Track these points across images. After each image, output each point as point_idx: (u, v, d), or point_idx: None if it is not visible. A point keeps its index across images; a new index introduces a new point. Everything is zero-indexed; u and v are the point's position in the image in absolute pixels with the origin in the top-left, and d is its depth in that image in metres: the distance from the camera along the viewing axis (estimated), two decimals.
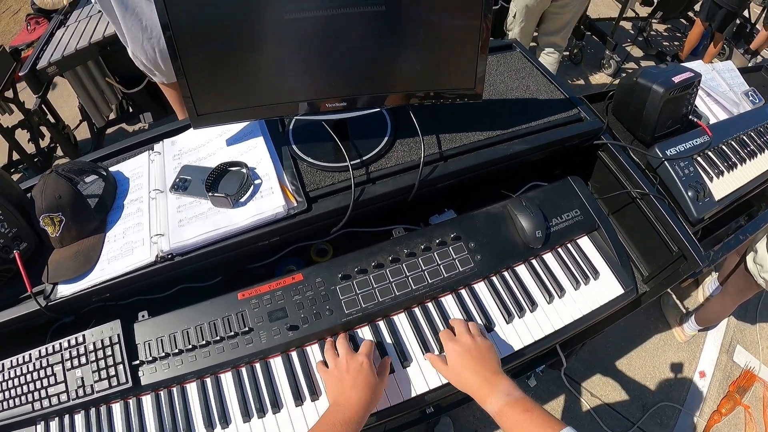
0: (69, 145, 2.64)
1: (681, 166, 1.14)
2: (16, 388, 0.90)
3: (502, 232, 0.95)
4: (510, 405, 0.71)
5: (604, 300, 0.98)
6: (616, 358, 2.09)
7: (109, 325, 0.90)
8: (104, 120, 2.44)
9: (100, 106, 2.35)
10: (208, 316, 0.88)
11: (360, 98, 0.86)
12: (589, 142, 1.09)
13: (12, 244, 0.92)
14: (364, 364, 0.78)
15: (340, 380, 0.78)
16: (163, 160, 0.99)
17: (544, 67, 1.13)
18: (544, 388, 1.98)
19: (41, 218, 0.91)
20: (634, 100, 1.18)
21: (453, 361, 0.80)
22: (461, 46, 0.83)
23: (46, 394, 0.89)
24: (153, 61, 1.47)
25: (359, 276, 0.88)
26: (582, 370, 2.04)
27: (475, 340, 0.81)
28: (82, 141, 2.92)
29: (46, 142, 2.69)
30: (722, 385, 2.06)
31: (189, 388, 0.88)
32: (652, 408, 1.94)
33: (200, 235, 0.86)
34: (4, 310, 0.92)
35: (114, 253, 0.91)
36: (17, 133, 2.40)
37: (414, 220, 1.04)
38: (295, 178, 0.90)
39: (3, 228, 0.91)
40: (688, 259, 0.98)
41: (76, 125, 2.88)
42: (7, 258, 0.92)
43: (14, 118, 2.45)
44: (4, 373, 0.92)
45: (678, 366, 2.10)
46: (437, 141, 0.96)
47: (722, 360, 2.13)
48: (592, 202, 1.05)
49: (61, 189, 0.91)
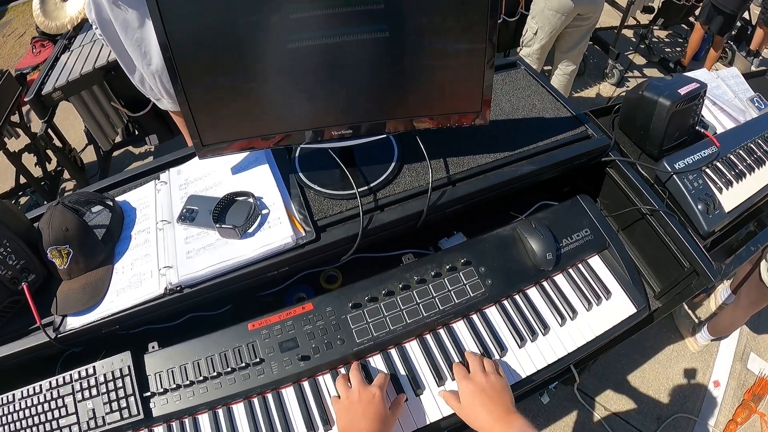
0: (75, 169, 2.66)
1: (690, 179, 1.12)
2: (27, 419, 0.89)
3: (513, 255, 0.94)
4: None
5: (616, 320, 0.97)
6: (629, 371, 2.07)
7: (120, 357, 0.89)
8: (110, 143, 2.46)
9: (106, 130, 2.36)
10: (218, 347, 0.87)
11: (365, 125, 0.86)
12: (597, 159, 1.09)
13: (20, 275, 0.92)
14: (377, 396, 0.77)
15: (350, 410, 0.77)
16: (170, 190, 0.99)
17: (549, 83, 1.13)
18: (558, 404, 1.95)
19: (49, 251, 0.91)
20: (640, 113, 1.17)
21: (466, 399, 0.79)
22: (467, 70, 0.82)
23: (57, 426, 0.88)
24: (156, 88, 1.47)
25: (370, 304, 0.87)
26: (595, 384, 2.01)
27: (489, 378, 0.80)
28: (88, 164, 2.95)
29: (53, 165, 2.73)
30: (737, 393, 2.02)
31: (201, 419, 0.88)
32: (667, 420, 1.92)
33: (209, 267, 0.86)
34: (13, 342, 0.92)
35: (122, 285, 0.91)
36: (24, 157, 2.43)
37: (423, 243, 1.03)
38: (302, 206, 0.90)
39: (11, 260, 0.91)
40: (700, 275, 0.97)
41: (83, 148, 2.92)
42: (16, 290, 0.93)
43: (21, 142, 2.47)
44: (15, 404, 0.91)
45: (692, 376, 2.07)
46: (445, 165, 0.95)
47: (736, 368, 2.10)
48: (602, 220, 1.04)
49: (68, 221, 0.92)
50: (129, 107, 2.26)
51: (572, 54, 2.57)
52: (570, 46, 2.54)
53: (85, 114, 2.21)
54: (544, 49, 2.51)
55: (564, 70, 2.63)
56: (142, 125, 2.27)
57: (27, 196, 2.74)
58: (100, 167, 2.67)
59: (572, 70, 2.63)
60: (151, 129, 2.22)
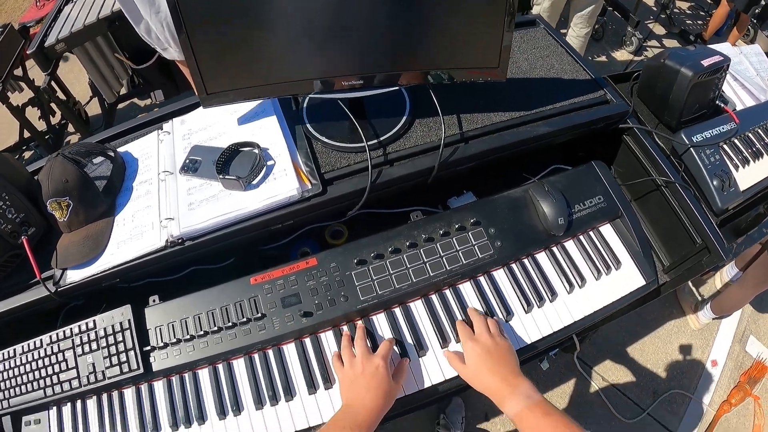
0: (80, 122, 2.63)
1: (707, 154, 1.09)
2: (27, 374, 0.90)
3: (523, 217, 0.92)
4: (530, 408, 0.70)
5: (624, 291, 0.95)
6: (629, 343, 2.08)
7: (120, 311, 0.88)
8: (115, 96, 2.41)
9: (111, 82, 2.32)
10: (220, 301, 0.85)
11: (378, 76, 0.82)
12: (614, 126, 1.05)
13: (20, 229, 0.91)
14: (380, 367, 0.76)
15: (354, 381, 0.76)
16: (173, 140, 0.96)
17: (569, 44, 1.08)
18: (557, 371, 1.97)
19: (48, 203, 0.90)
20: (660, 82, 1.13)
21: (472, 361, 0.78)
22: (485, 21, 0.78)
23: (57, 380, 0.88)
24: (163, 37, 1.42)
25: (375, 261, 0.85)
26: (595, 355, 2.03)
27: (495, 340, 0.79)
28: (93, 117, 2.90)
29: (57, 119, 2.68)
30: (733, 375, 2.04)
31: (201, 374, 0.87)
32: (663, 395, 1.94)
33: (211, 219, 0.84)
34: (13, 296, 0.91)
35: (123, 237, 0.89)
36: (28, 111, 2.39)
37: (432, 201, 1.00)
38: (309, 159, 0.87)
39: (10, 214, 0.90)
40: (711, 252, 0.95)
41: (87, 101, 2.86)
42: (16, 243, 0.91)
43: (24, 96, 2.42)
44: (16, 359, 0.91)
45: (690, 353, 2.08)
46: (458, 121, 0.91)
47: (735, 349, 2.10)
48: (616, 188, 1.01)
49: (68, 173, 0.89)
50: (133, 59, 2.20)
51: (585, 15, 2.49)
52: (584, 5, 2.46)
53: (89, 66, 2.17)
54: (555, 6, 2.43)
55: (578, 32, 2.56)
56: (147, 78, 2.22)
57: (31, 150, 2.71)
58: (105, 120, 2.62)
59: (586, 33, 2.56)
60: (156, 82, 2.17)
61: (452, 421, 1.79)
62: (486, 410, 1.89)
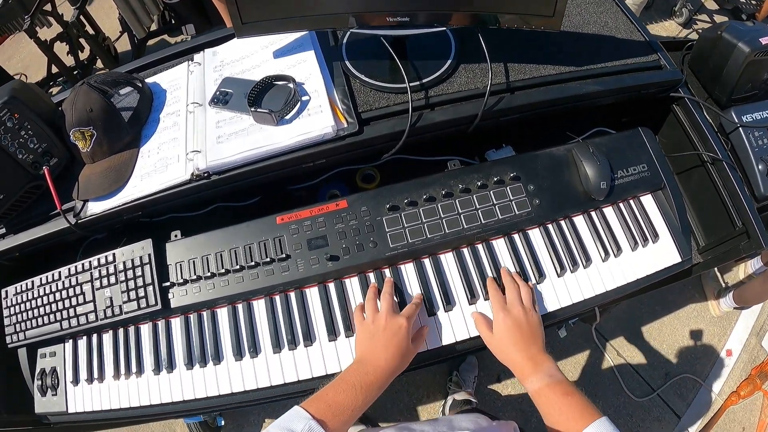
0: (109, 57, 2.60)
1: (755, 136, 1.04)
2: (45, 306, 0.89)
3: (564, 177, 0.87)
4: (551, 387, 0.68)
5: (660, 266, 0.90)
6: (647, 321, 2.05)
7: (141, 245, 0.87)
8: (145, 31, 2.37)
9: (141, 17, 2.28)
10: (243, 239, 0.83)
11: (425, 13, 0.77)
12: (665, 94, 0.99)
13: (41, 159, 0.89)
14: (403, 327, 0.73)
15: (373, 337, 0.73)
16: (204, 72, 0.92)
17: (625, 4, 1.02)
18: (573, 340, 1.97)
19: (71, 132, 0.87)
20: (715, 55, 1.06)
21: (500, 331, 0.75)
22: None
23: (74, 313, 0.88)
24: None
25: (408, 208, 0.82)
26: (612, 328, 2.02)
27: (527, 313, 0.76)
28: (122, 53, 2.86)
29: (85, 54, 2.65)
30: (746, 367, 2.00)
31: (220, 313, 0.85)
32: (674, 378, 1.92)
33: (240, 153, 0.80)
34: (33, 228, 0.91)
35: (147, 169, 0.87)
36: (56, 47, 2.35)
37: (469, 153, 0.96)
38: (346, 96, 0.83)
39: (32, 144, 0.88)
40: (751, 237, 0.90)
41: (117, 37, 2.83)
42: (37, 174, 0.90)
43: (53, 31, 2.39)
44: (34, 291, 0.91)
45: (707, 340, 2.06)
46: (505, 70, 0.86)
47: (751, 342, 2.06)
48: (662, 158, 0.96)
49: (92, 102, 0.87)
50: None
51: None
52: None
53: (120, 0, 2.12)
54: None
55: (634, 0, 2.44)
56: (179, 13, 2.17)
57: (59, 86, 2.69)
58: (134, 56, 2.58)
59: (642, 1, 2.45)
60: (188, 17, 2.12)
61: (464, 379, 1.78)
62: (498, 372, 1.89)
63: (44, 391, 0.89)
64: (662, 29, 3.17)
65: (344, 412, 0.64)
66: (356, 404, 0.65)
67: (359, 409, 0.66)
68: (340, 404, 0.65)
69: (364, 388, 0.67)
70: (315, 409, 0.62)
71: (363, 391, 0.67)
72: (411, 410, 1.86)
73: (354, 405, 0.65)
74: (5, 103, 0.84)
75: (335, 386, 0.67)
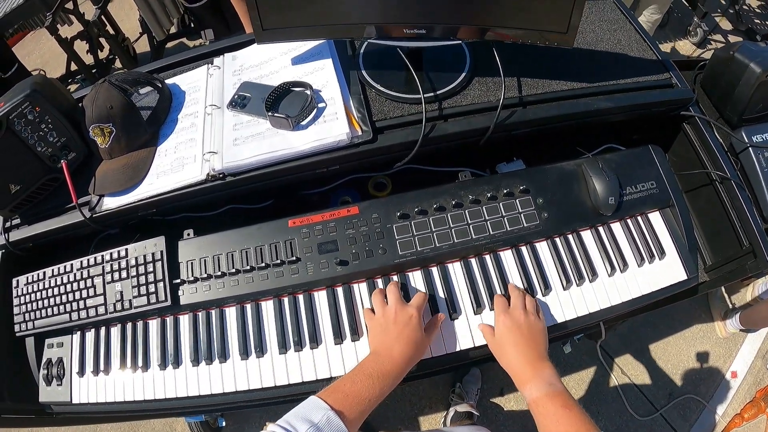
0: (128, 58, 2.63)
1: (765, 157, 1.04)
2: (55, 297, 0.90)
3: (573, 192, 0.88)
4: (550, 396, 0.67)
5: (665, 283, 0.91)
6: (653, 340, 2.04)
7: (153, 241, 0.88)
8: (164, 33, 2.40)
9: (161, 19, 2.31)
10: (255, 240, 0.84)
11: (441, 27, 0.78)
12: (676, 112, 1.00)
13: (60, 153, 0.91)
14: (414, 317, 0.74)
15: (385, 329, 0.74)
16: (223, 75, 0.95)
17: (638, 22, 1.03)
18: (578, 356, 1.95)
19: (91, 128, 0.89)
20: (727, 75, 1.07)
21: (500, 333, 0.75)
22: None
23: (84, 305, 0.89)
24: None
25: (419, 217, 0.83)
26: (617, 346, 2.00)
27: (528, 317, 0.76)
28: (141, 54, 2.89)
29: (105, 53, 2.69)
30: (751, 389, 1.98)
31: (228, 312, 0.87)
32: (678, 398, 1.90)
33: (255, 156, 0.82)
34: (48, 220, 0.92)
35: (164, 168, 0.89)
36: (76, 45, 2.39)
37: (480, 165, 0.97)
38: (362, 105, 0.84)
39: (52, 137, 0.90)
40: (757, 257, 0.90)
41: (136, 38, 2.86)
42: (55, 167, 0.91)
43: (73, 29, 2.42)
44: (45, 282, 0.92)
45: (711, 361, 2.04)
46: (518, 84, 0.88)
47: (757, 365, 2.04)
48: (671, 176, 0.96)
49: (113, 99, 0.89)
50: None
51: (660, 1, 2.38)
52: None
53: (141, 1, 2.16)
54: None
55: (648, 18, 2.44)
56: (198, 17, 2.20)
57: (77, 83, 2.73)
58: (153, 58, 2.61)
59: (656, 19, 2.44)
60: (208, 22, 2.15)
61: (467, 391, 1.77)
62: (502, 386, 1.88)
63: (49, 380, 0.90)
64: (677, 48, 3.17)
65: (361, 403, 0.65)
66: (373, 394, 0.66)
67: (376, 399, 0.67)
68: (357, 394, 0.65)
69: (380, 378, 0.68)
70: (333, 400, 0.63)
71: (379, 381, 0.67)
72: (412, 420, 1.85)
73: (371, 395, 0.66)
74: (27, 96, 0.85)
75: (352, 377, 0.68)
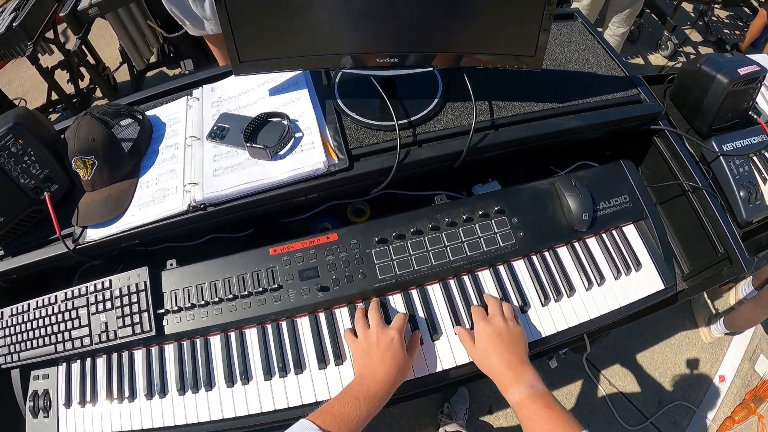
0: (108, 87, 2.64)
1: (736, 164, 1.07)
2: (40, 329, 0.90)
3: (548, 210, 0.90)
4: (532, 398, 0.69)
5: (643, 294, 0.93)
6: (639, 349, 2.07)
7: (137, 272, 0.89)
8: (144, 63, 2.43)
9: (141, 49, 2.33)
10: (237, 269, 0.86)
11: (413, 55, 0.81)
12: (646, 126, 1.03)
13: (43, 185, 0.92)
14: (395, 340, 0.75)
15: (368, 353, 0.76)
16: (202, 107, 0.96)
17: (606, 41, 1.06)
18: (564, 370, 1.97)
19: (73, 161, 0.90)
20: (695, 87, 1.11)
21: (481, 341, 0.77)
22: (525, 8, 0.77)
23: (69, 337, 0.89)
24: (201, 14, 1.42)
25: (396, 241, 0.85)
26: (604, 358, 2.02)
27: (507, 324, 0.78)
28: (121, 83, 2.92)
29: (85, 83, 2.70)
30: (740, 392, 2.01)
31: (213, 340, 0.87)
32: (668, 405, 1.93)
33: (235, 186, 0.84)
34: (32, 251, 0.92)
35: (146, 199, 0.90)
36: (57, 74, 2.40)
37: (456, 187, 0.99)
38: (338, 133, 0.86)
39: (35, 169, 0.91)
40: (733, 263, 0.93)
41: (116, 67, 2.88)
42: (38, 199, 0.92)
43: (54, 58, 2.44)
44: (30, 314, 0.92)
45: (699, 367, 2.07)
46: (489, 108, 0.90)
47: (744, 367, 2.08)
48: (643, 189, 0.99)
49: (94, 132, 0.90)
50: (165, 27, 2.21)
51: (624, 15, 2.44)
52: (623, 6, 2.41)
53: (121, 32, 2.19)
54: (595, 4, 2.39)
55: (615, 32, 2.51)
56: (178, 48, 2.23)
57: (58, 113, 2.75)
58: (133, 87, 2.64)
59: (623, 33, 2.51)
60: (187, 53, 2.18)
61: (455, 411, 1.78)
62: (490, 404, 1.89)
63: (36, 412, 0.90)
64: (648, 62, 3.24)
65: (350, 423, 0.67)
66: (360, 415, 0.68)
67: (364, 420, 0.69)
68: (346, 416, 0.67)
69: (367, 399, 0.70)
70: (322, 422, 0.65)
71: (366, 403, 0.69)
72: None
73: (359, 416, 0.68)
74: (10, 129, 0.86)
75: (339, 399, 0.70)
